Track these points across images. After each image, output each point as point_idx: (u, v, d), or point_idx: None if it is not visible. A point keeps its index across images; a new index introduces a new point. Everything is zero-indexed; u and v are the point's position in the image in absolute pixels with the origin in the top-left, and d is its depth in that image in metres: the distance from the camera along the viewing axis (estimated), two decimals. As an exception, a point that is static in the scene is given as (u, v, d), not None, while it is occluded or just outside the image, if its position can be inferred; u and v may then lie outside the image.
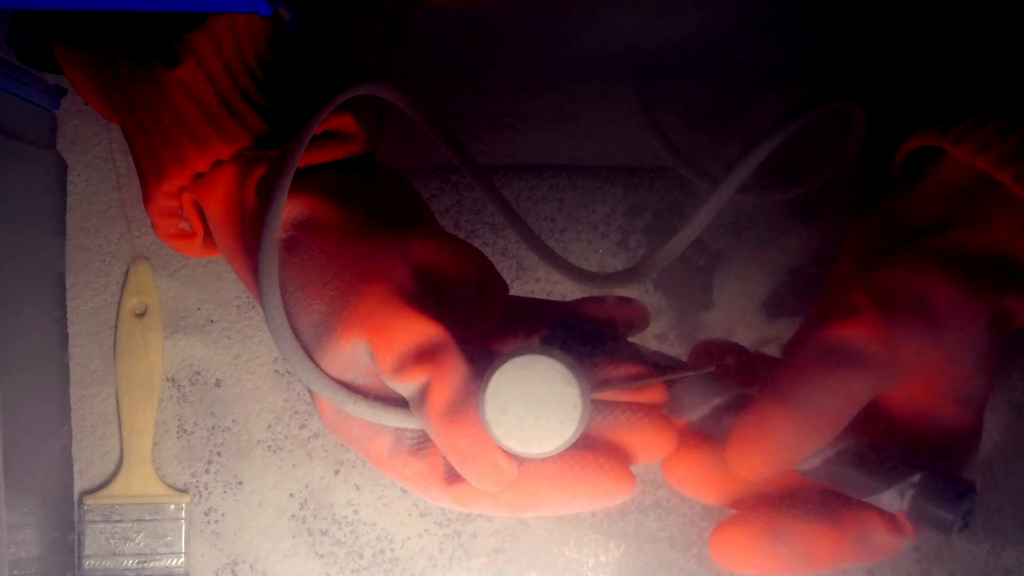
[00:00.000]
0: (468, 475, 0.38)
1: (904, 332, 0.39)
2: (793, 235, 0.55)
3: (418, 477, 0.39)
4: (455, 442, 0.37)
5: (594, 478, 0.38)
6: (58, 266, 0.54)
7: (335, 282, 0.39)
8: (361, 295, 0.39)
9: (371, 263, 0.40)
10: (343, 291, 0.39)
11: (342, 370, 0.39)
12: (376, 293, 0.39)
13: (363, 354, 0.38)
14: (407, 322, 0.38)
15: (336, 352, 0.38)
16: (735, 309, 0.55)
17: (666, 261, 0.45)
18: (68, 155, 0.55)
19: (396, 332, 0.38)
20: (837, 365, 0.38)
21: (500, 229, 0.55)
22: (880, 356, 0.38)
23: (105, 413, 0.54)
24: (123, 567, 0.53)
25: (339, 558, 0.53)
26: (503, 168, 0.55)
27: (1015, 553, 0.53)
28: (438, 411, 0.37)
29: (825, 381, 0.38)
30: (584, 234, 0.55)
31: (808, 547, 0.39)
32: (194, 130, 0.41)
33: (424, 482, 0.39)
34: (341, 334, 0.38)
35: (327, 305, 0.39)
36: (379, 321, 0.38)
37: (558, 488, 0.38)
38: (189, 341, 0.54)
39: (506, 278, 0.46)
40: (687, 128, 0.56)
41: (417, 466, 0.39)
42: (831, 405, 0.38)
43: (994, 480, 0.53)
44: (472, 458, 0.37)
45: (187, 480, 0.54)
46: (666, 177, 0.55)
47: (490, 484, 0.38)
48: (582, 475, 0.38)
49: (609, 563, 0.53)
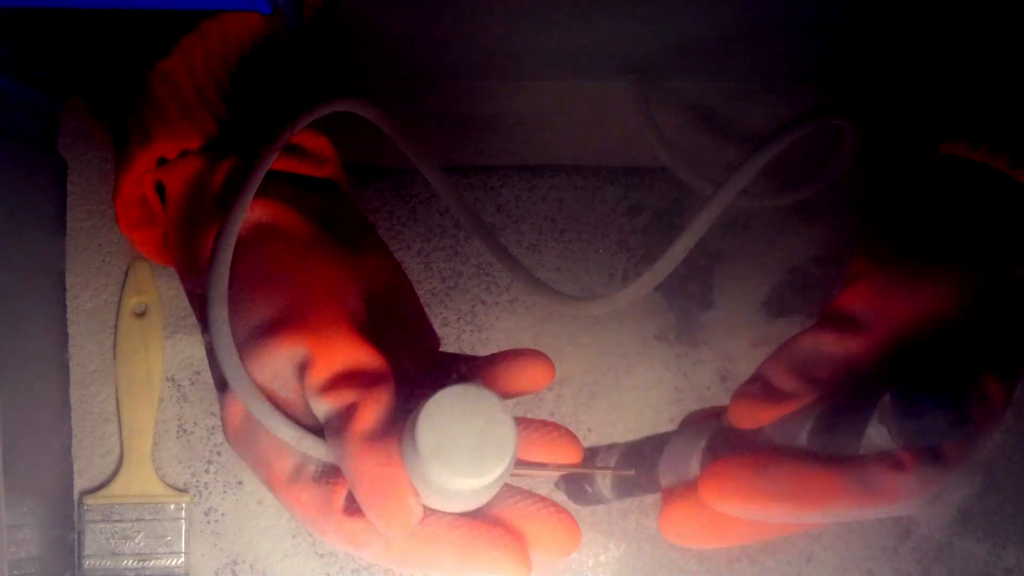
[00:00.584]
0: (372, 508, 0.36)
1: (900, 284, 0.40)
2: (793, 235, 0.55)
3: (313, 505, 0.38)
4: (368, 469, 0.36)
5: (493, 553, 0.37)
6: (58, 266, 0.54)
7: (286, 290, 0.39)
8: (312, 308, 0.38)
9: (325, 281, 0.40)
10: (293, 300, 0.39)
11: (269, 377, 0.38)
12: (326, 310, 0.38)
13: (293, 365, 0.38)
14: (351, 344, 0.38)
15: (269, 356, 0.38)
16: (735, 309, 0.55)
17: (653, 284, 0.45)
18: (68, 155, 0.55)
19: (338, 349, 0.37)
20: (832, 329, 0.40)
21: (499, 229, 0.55)
22: (877, 314, 0.39)
23: (105, 413, 0.54)
24: (123, 567, 0.53)
25: (339, 558, 0.53)
26: (502, 168, 0.55)
27: (1015, 553, 0.53)
28: (358, 434, 0.36)
29: (818, 338, 0.40)
30: (584, 234, 0.55)
31: (796, 483, 0.38)
32: (167, 118, 0.41)
33: (319, 512, 0.38)
34: (283, 340, 0.37)
35: (273, 310, 0.38)
36: (324, 336, 0.38)
37: (454, 551, 0.37)
38: (189, 341, 0.54)
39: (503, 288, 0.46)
40: (687, 128, 0.56)
41: (315, 493, 0.38)
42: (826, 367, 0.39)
43: (994, 480, 0.53)
44: (382, 490, 0.36)
45: (187, 480, 0.54)
46: (666, 177, 0.55)
47: (392, 521, 0.36)
48: (481, 546, 0.37)
49: (609, 563, 0.53)
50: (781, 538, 0.53)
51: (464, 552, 0.37)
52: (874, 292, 0.40)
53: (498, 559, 0.37)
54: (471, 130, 0.55)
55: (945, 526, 0.53)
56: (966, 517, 0.53)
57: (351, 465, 0.36)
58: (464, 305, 0.54)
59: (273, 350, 0.38)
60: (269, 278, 0.39)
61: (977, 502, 0.53)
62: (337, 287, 0.40)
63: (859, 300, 0.40)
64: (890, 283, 0.40)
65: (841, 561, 0.53)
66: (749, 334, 0.54)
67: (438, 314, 0.54)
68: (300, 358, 0.38)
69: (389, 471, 0.36)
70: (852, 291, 0.41)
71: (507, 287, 0.55)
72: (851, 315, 0.40)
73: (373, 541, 0.37)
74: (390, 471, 0.36)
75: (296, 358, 0.38)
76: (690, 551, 0.53)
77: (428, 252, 0.54)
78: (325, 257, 0.41)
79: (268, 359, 0.38)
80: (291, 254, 0.40)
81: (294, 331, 0.38)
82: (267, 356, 0.38)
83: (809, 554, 0.53)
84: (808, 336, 0.41)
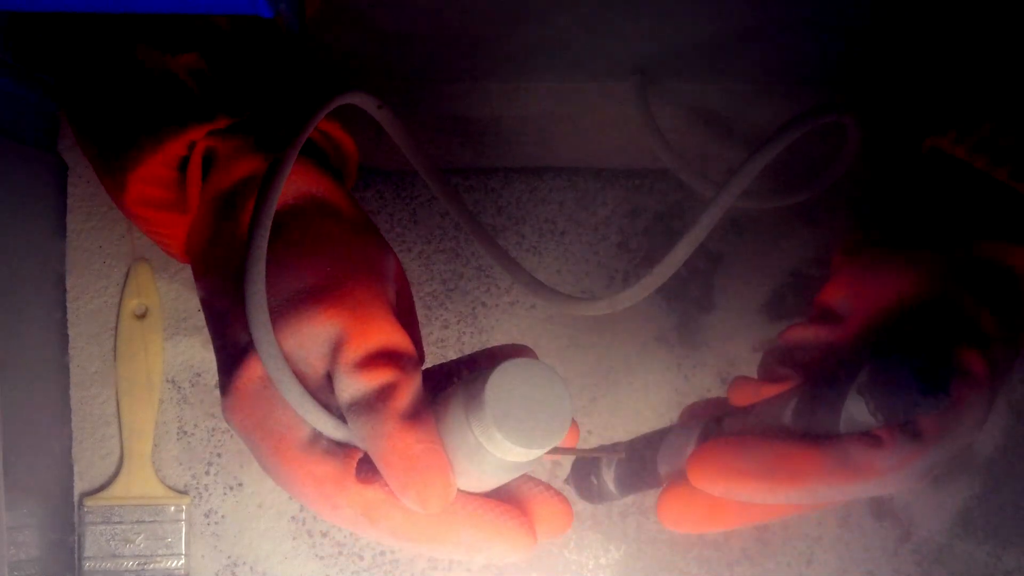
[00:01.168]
0: (411, 486, 0.36)
1: (870, 268, 0.42)
2: (794, 237, 0.55)
3: (328, 476, 0.37)
4: (407, 448, 0.36)
5: (508, 525, 0.38)
6: (58, 267, 0.54)
7: (332, 262, 0.39)
8: (356, 284, 0.39)
9: (368, 261, 0.40)
10: (338, 273, 0.39)
11: (295, 346, 0.38)
12: (369, 288, 0.39)
13: (327, 337, 0.38)
14: (390, 324, 0.38)
15: (305, 323, 0.38)
16: (736, 311, 0.55)
17: (655, 286, 0.45)
18: (68, 156, 0.55)
19: (377, 327, 0.38)
20: (815, 322, 0.42)
21: (500, 231, 0.55)
22: (856, 299, 0.42)
23: (105, 415, 0.54)
24: (123, 569, 0.53)
25: (339, 560, 0.53)
26: (503, 170, 0.55)
27: (1015, 554, 0.53)
28: (399, 412, 0.36)
29: (803, 331, 0.42)
30: (585, 236, 0.55)
31: (776, 463, 0.39)
32: (195, 102, 0.42)
33: (334, 483, 0.37)
34: (323, 310, 0.37)
35: (317, 278, 0.38)
36: (366, 312, 0.38)
37: (472, 524, 0.38)
38: (189, 343, 0.54)
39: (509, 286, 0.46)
40: (687, 130, 0.56)
41: (331, 464, 0.37)
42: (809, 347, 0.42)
43: (994, 481, 0.53)
44: (425, 467, 0.36)
45: (187, 482, 0.54)
46: (667, 179, 0.55)
47: (432, 499, 0.36)
48: (498, 519, 0.38)
49: (610, 565, 0.53)
50: (781, 539, 0.53)
51: (481, 525, 0.38)
52: (848, 282, 0.43)
53: (512, 531, 0.38)
54: (471, 132, 0.55)
55: (945, 528, 0.53)
56: (966, 519, 0.53)
57: (388, 444, 0.36)
58: (464, 307, 0.54)
59: (312, 318, 0.38)
60: (316, 248, 0.39)
61: (977, 504, 0.53)
62: (379, 269, 0.40)
63: (835, 292, 0.43)
64: (862, 272, 0.43)
65: (841, 563, 0.53)
66: (749, 337, 0.54)
67: (439, 316, 0.54)
68: (337, 331, 0.37)
69: (431, 449, 0.36)
70: (830, 285, 0.43)
71: (507, 289, 0.54)
72: (830, 307, 0.43)
73: (393, 514, 0.37)
74: (432, 448, 0.36)
75: (333, 331, 0.38)
76: (690, 553, 0.53)
77: (429, 254, 0.54)
78: (370, 238, 0.41)
79: (303, 327, 0.38)
80: (339, 229, 0.40)
81: (336, 303, 0.38)
82: (303, 323, 0.38)
83: (810, 556, 0.53)
84: (795, 330, 0.43)
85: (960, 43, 0.48)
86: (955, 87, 0.47)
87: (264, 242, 0.37)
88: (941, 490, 0.53)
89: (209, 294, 0.41)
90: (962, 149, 0.43)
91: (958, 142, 0.43)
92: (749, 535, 0.53)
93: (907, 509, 0.53)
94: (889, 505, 0.53)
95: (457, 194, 0.47)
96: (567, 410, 0.36)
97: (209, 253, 0.42)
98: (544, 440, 0.35)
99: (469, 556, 0.38)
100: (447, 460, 0.37)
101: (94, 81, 0.43)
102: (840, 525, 0.53)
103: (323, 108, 0.40)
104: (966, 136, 0.43)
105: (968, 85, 0.46)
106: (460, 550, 0.38)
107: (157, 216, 0.43)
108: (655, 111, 0.52)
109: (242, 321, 0.38)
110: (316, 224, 0.40)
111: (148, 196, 0.43)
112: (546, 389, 0.36)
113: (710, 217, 0.43)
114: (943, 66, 0.50)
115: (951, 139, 0.44)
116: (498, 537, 0.38)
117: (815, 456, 0.39)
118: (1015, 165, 0.42)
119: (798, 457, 0.39)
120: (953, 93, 0.46)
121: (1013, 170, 0.42)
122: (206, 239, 0.42)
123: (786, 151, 0.42)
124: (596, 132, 0.56)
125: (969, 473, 0.53)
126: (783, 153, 0.42)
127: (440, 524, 0.38)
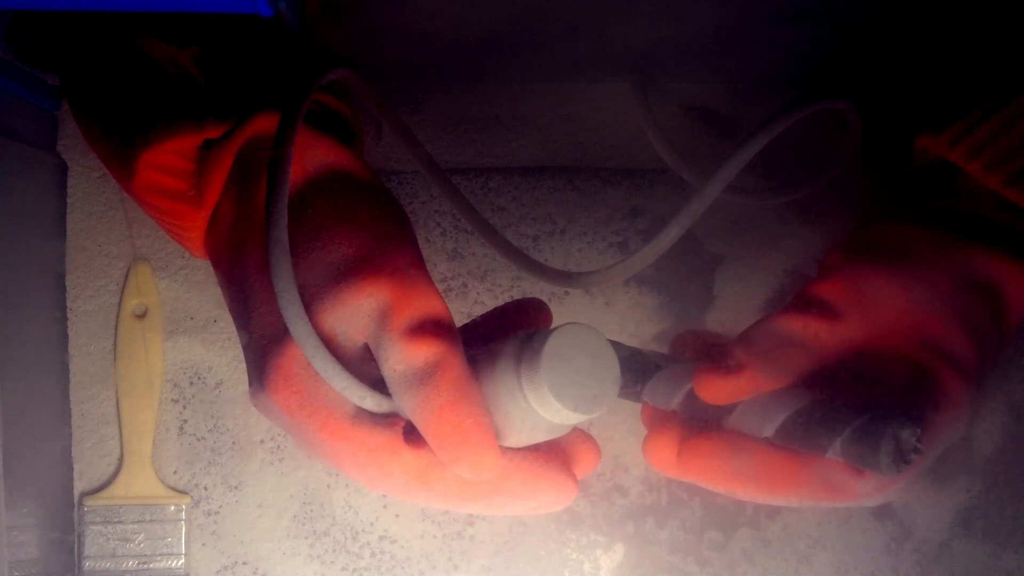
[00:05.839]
0: (461, 457, 0.36)
1: (873, 279, 0.42)
2: (793, 236, 0.55)
3: (381, 445, 0.37)
4: (461, 421, 0.36)
5: (552, 473, 0.39)
6: (58, 267, 0.54)
7: (363, 232, 0.38)
8: (393, 250, 0.38)
9: (397, 227, 0.40)
10: (373, 243, 0.38)
11: (338, 321, 0.37)
12: (406, 255, 0.38)
13: (371, 308, 0.37)
14: (432, 291, 0.38)
15: (345, 298, 0.37)
16: (735, 309, 0.55)
17: (645, 263, 0.45)
18: (68, 156, 0.55)
19: (421, 292, 0.37)
20: (808, 314, 0.41)
21: (500, 230, 0.55)
22: (849, 306, 0.41)
23: (105, 414, 0.54)
24: (123, 568, 0.53)
25: (339, 560, 0.53)
26: (503, 169, 0.55)
27: (1015, 555, 0.53)
28: (448, 386, 0.36)
29: (793, 326, 0.41)
30: (584, 236, 0.55)
31: (765, 469, 0.40)
32: (210, 97, 0.42)
33: (388, 451, 0.37)
34: (363, 280, 0.37)
35: (353, 249, 0.38)
36: (409, 278, 0.37)
37: (522, 478, 0.38)
38: (189, 342, 0.54)
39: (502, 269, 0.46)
40: (687, 129, 0.55)
41: (382, 434, 0.37)
42: (793, 353, 0.41)
43: (994, 481, 0.53)
44: (475, 440, 0.36)
45: (187, 481, 0.54)
46: (667, 179, 0.55)
47: (481, 467, 0.37)
48: (541, 468, 0.39)
49: (610, 565, 0.53)
50: (781, 539, 0.53)
51: (528, 479, 0.38)
52: (847, 285, 0.42)
53: (556, 479, 0.39)
54: (471, 131, 0.55)
55: (945, 528, 0.53)
56: (966, 519, 0.53)
57: (438, 418, 0.36)
58: (465, 307, 0.54)
59: (353, 291, 0.37)
60: (346, 218, 0.39)
61: (977, 504, 0.53)
62: (410, 236, 0.40)
63: (833, 289, 0.42)
64: (863, 280, 0.42)
65: (841, 563, 0.53)
66: (750, 336, 0.54)
67: (438, 315, 0.54)
68: (380, 302, 0.37)
69: (481, 424, 0.37)
70: (828, 282, 0.43)
71: (508, 288, 0.54)
72: (824, 301, 0.42)
73: (445, 475, 0.38)
74: (482, 424, 0.37)
75: (375, 302, 0.37)
76: (689, 554, 0.53)
77: (429, 254, 0.54)
78: (396, 205, 0.41)
79: (343, 301, 0.37)
80: (365, 197, 0.40)
81: (376, 271, 0.37)
82: (343, 297, 0.37)
83: (809, 556, 0.53)
84: (787, 319, 0.42)
85: (960, 43, 0.48)
86: (954, 87, 0.47)
87: (284, 207, 0.37)
88: (941, 490, 0.53)
89: (237, 279, 0.41)
90: (957, 152, 0.43)
91: (953, 144, 0.44)
92: (749, 535, 0.53)
93: (907, 509, 0.53)
94: (889, 505, 0.54)
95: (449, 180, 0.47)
96: (616, 376, 0.37)
97: (233, 236, 0.41)
98: (594, 405, 0.36)
99: (518, 509, 0.39)
100: (493, 429, 0.37)
101: (102, 66, 0.43)
102: (840, 525, 0.53)
103: (323, 76, 0.40)
104: (962, 139, 0.43)
105: (966, 85, 0.46)
106: (509, 505, 0.39)
107: (168, 205, 0.43)
108: (655, 110, 0.52)
109: (274, 303, 0.37)
110: (343, 195, 0.40)
111: (157, 183, 0.42)
112: (596, 354, 0.37)
113: (714, 188, 0.44)
114: (942, 66, 0.50)
115: (947, 140, 0.44)
116: (545, 486, 0.39)
117: (803, 471, 0.40)
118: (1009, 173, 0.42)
119: (787, 469, 0.40)
120: (952, 93, 0.46)
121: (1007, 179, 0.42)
122: (228, 224, 0.42)
123: (787, 149, 0.42)
124: (596, 131, 0.56)
125: (969, 473, 0.53)
126: (784, 151, 0.42)
127: (494, 482, 0.38)
